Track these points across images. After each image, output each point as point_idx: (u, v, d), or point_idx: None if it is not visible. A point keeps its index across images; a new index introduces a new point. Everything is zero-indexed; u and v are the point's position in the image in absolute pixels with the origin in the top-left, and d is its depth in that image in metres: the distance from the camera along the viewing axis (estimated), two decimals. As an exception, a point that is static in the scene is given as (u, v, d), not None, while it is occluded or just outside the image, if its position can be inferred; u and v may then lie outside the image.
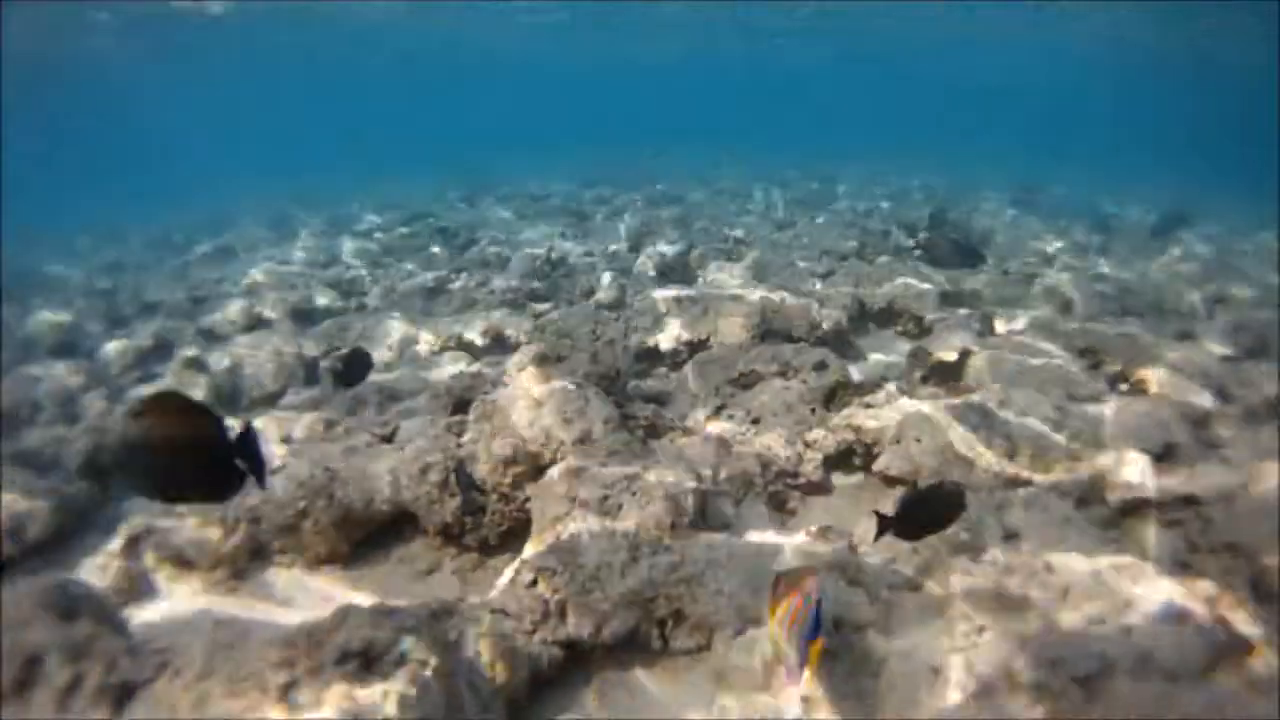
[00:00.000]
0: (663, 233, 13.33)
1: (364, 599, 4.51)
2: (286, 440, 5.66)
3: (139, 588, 4.76)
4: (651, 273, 10.60)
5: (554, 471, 4.41)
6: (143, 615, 4.49)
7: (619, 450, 4.44)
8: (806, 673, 2.71)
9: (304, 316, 9.75)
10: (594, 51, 45.37)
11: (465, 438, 5.12)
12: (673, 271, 10.70)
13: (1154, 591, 3.86)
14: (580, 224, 15.30)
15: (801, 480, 5.15)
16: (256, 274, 11.38)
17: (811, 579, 2.78)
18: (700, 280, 10.24)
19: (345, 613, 3.24)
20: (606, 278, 10.05)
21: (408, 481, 4.73)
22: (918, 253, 10.71)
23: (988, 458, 4.87)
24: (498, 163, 26.09)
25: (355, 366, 5.63)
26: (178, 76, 41.78)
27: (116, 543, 5.02)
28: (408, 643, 3.14)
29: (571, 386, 5.20)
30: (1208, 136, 50.22)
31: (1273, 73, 29.81)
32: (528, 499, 4.50)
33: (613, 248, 12.50)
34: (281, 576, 4.80)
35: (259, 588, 4.72)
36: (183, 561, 4.85)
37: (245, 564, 4.82)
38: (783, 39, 36.33)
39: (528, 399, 5.15)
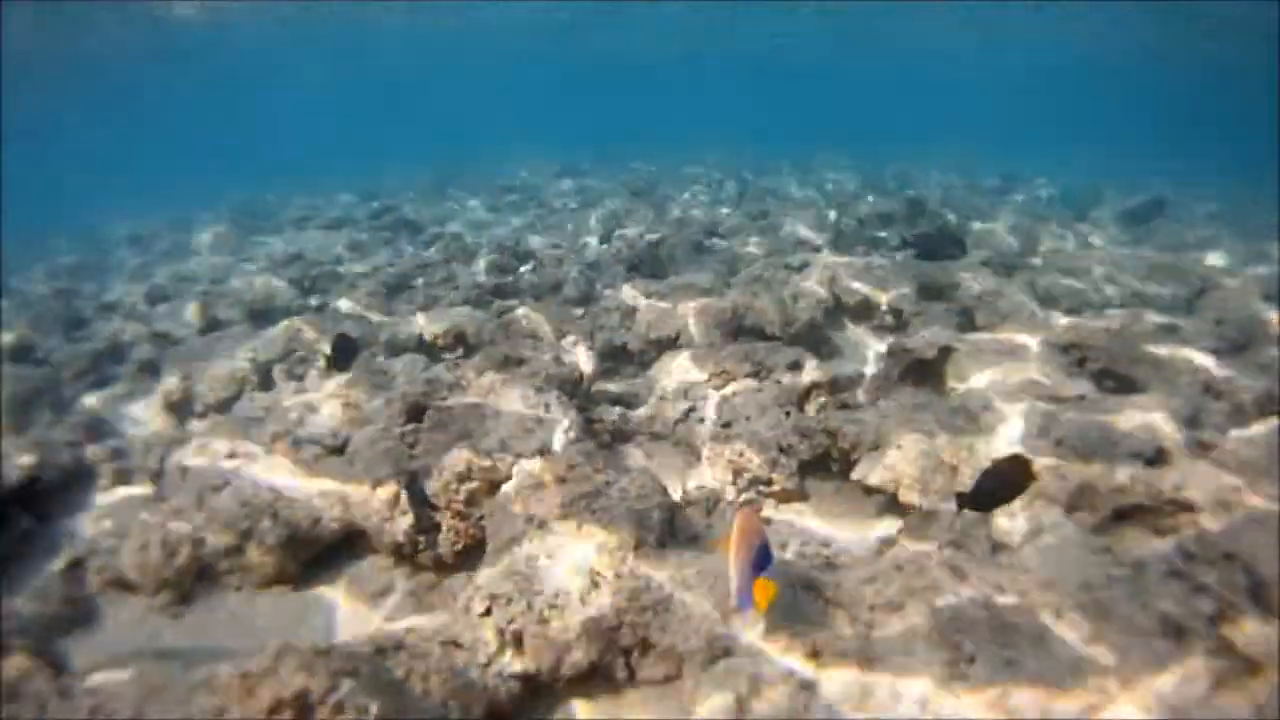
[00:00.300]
0: (634, 225, 13.02)
1: (311, 626, 4.27)
2: (232, 455, 5.33)
3: (80, 614, 4.52)
4: (620, 266, 10.26)
5: (508, 487, 4.11)
6: (82, 645, 4.27)
7: (579, 463, 4.14)
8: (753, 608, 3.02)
9: (262, 316, 9.38)
10: (594, 51, 45.04)
11: (419, 448, 4.83)
12: (643, 264, 10.33)
13: (1149, 605, 3.65)
14: (550, 216, 14.98)
15: (776, 488, 4.90)
16: (214, 272, 10.99)
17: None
18: (671, 275, 9.92)
19: (279, 654, 2.98)
20: (574, 272, 9.71)
21: (357, 499, 4.44)
22: (896, 243, 10.53)
23: (972, 464, 4.63)
24: (491, 159, 25.82)
25: (345, 350, 6.28)
26: (177, 76, 41.29)
27: (58, 565, 4.79)
28: (346, 687, 2.87)
29: (531, 392, 4.92)
30: (1207, 136, 50.26)
31: (1273, 72, 29.84)
32: (483, 516, 4.22)
33: (582, 240, 12.18)
34: (229, 600, 4.56)
35: (205, 613, 4.49)
36: (126, 585, 4.61)
37: (191, 587, 4.57)
38: (783, 39, 36.11)
39: (484, 407, 4.86)
